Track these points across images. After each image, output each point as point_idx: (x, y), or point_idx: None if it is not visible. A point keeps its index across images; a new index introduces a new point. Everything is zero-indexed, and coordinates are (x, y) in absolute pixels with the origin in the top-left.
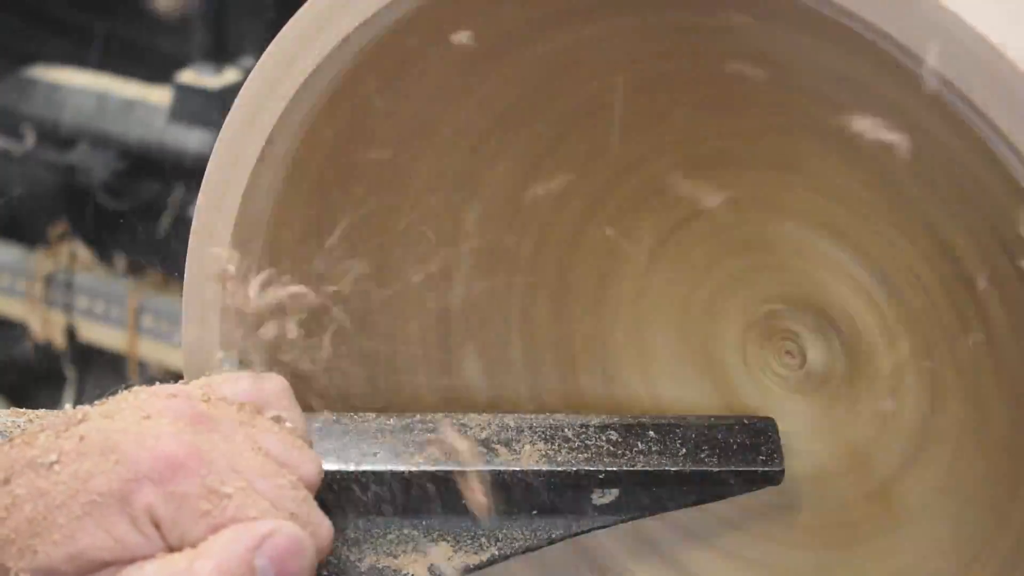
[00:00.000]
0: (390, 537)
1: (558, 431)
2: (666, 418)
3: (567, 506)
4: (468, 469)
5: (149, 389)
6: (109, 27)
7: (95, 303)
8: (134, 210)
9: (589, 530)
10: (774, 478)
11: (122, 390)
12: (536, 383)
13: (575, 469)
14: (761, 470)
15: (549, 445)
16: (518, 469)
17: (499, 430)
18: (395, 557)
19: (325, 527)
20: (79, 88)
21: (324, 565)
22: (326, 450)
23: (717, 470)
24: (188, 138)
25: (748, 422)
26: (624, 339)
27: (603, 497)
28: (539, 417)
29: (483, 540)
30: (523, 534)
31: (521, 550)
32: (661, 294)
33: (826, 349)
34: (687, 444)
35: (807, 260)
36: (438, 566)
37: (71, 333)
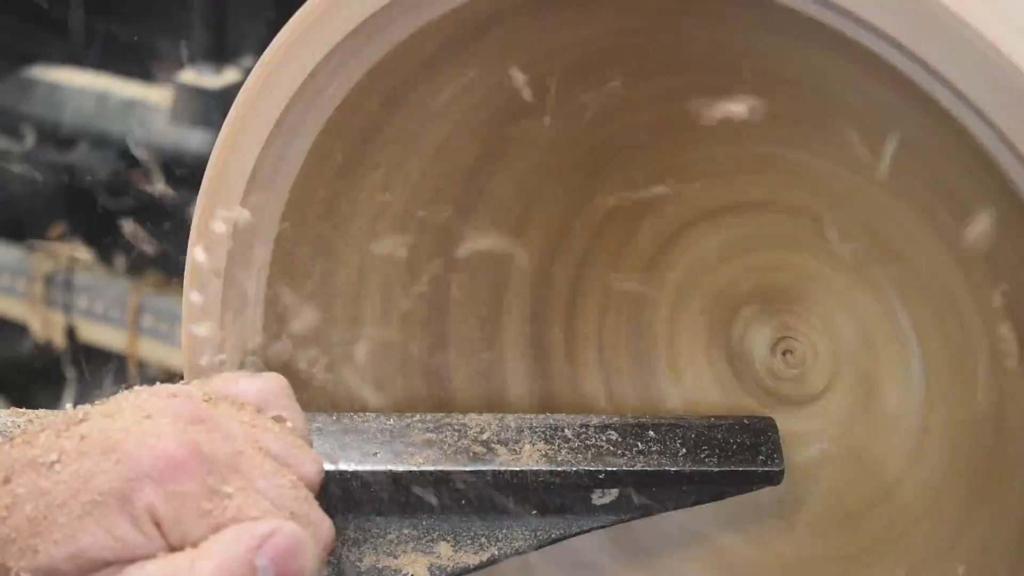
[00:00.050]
0: (390, 537)
1: (558, 431)
2: (666, 418)
3: (567, 506)
4: (468, 469)
5: (150, 389)
6: (109, 27)
7: (95, 303)
8: (134, 210)
9: (589, 530)
10: (774, 478)
11: (122, 390)
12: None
13: (575, 469)
14: (761, 470)
15: (549, 445)
16: (518, 469)
17: (499, 430)
18: (395, 557)
19: (326, 527)
20: (79, 88)
21: (324, 565)
22: (326, 450)
23: (717, 470)
24: (188, 138)
25: (748, 422)
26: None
27: (603, 497)
28: (539, 417)
29: (483, 540)
30: (523, 534)
31: (521, 550)
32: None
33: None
34: (687, 444)
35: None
36: (438, 566)
37: (71, 333)
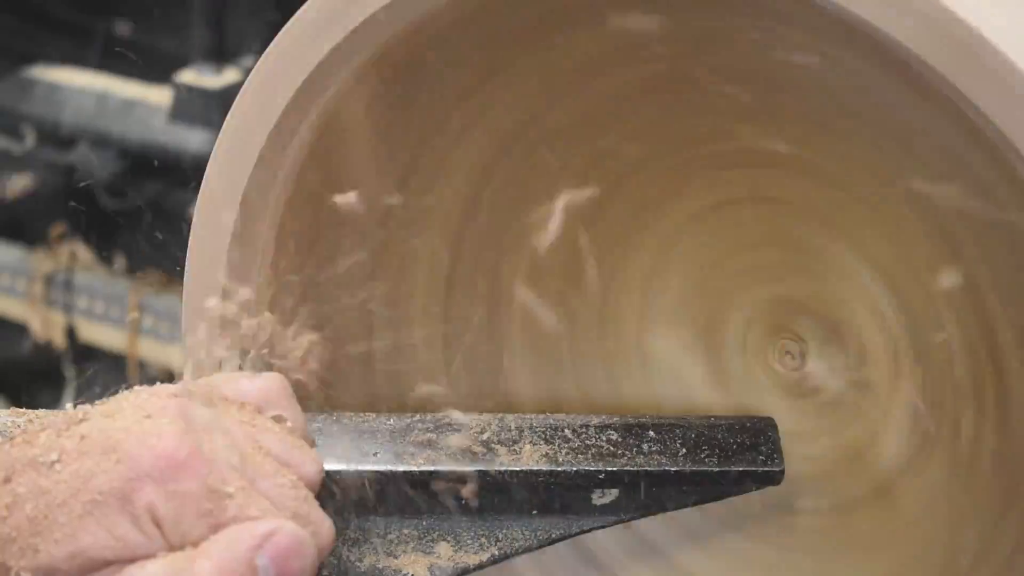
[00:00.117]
0: (390, 537)
1: (558, 431)
2: (666, 418)
3: (567, 506)
4: (468, 469)
5: (150, 389)
6: (109, 27)
7: (95, 303)
8: (134, 210)
9: (589, 530)
10: (774, 478)
11: (123, 390)
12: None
13: (575, 469)
14: (761, 470)
15: (549, 445)
16: (518, 469)
17: (499, 430)
18: (395, 557)
19: (326, 527)
20: (79, 88)
21: (324, 565)
22: (326, 450)
23: (717, 470)
24: (188, 138)
25: (748, 422)
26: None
27: (603, 497)
28: (539, 417)
29: (483, 540)
30: (523, 534)
31: (521, 550)
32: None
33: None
34: (687, 444)
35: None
36: (438, 566)
37: (71, 333)
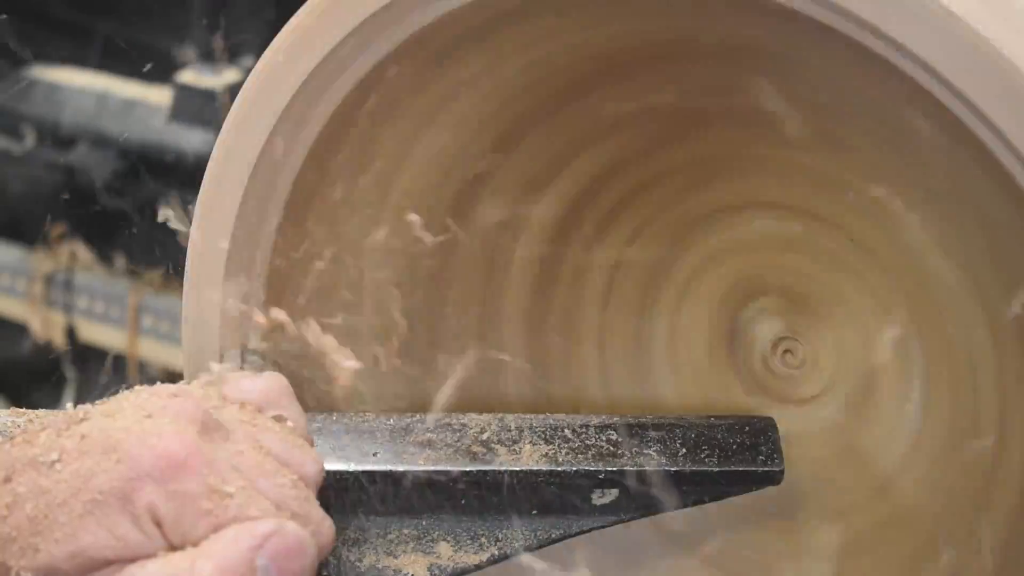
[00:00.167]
0: (390, 537)
1: (558, 431)
2: (666, 418)
3: (567, 506)
4: (468, 469)
5: (150, 388)
6: (109, 27)
7: (95, 303)
8: (134, 210)
9: (589, 530)
10: (774, 478)
11: (123, 390)
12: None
13: (575, 469)
14: (761, 470)
15: (549, 445)
16: (518, 469)
17: (499, 430)
18: (395, 557)
19: (327, 527)
20: (79, 88)
21: (324, 565)
22: (326, 450)
23: (717, 470)
24: (188, 138)
25: (748, 422)
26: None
27: (603, 497)
28: (539, 417)
29: (483, 540)
30: (523, 534)
31: (521, 550)
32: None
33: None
34: (687, 444)
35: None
36: (438, 566)
37: (71, 333)
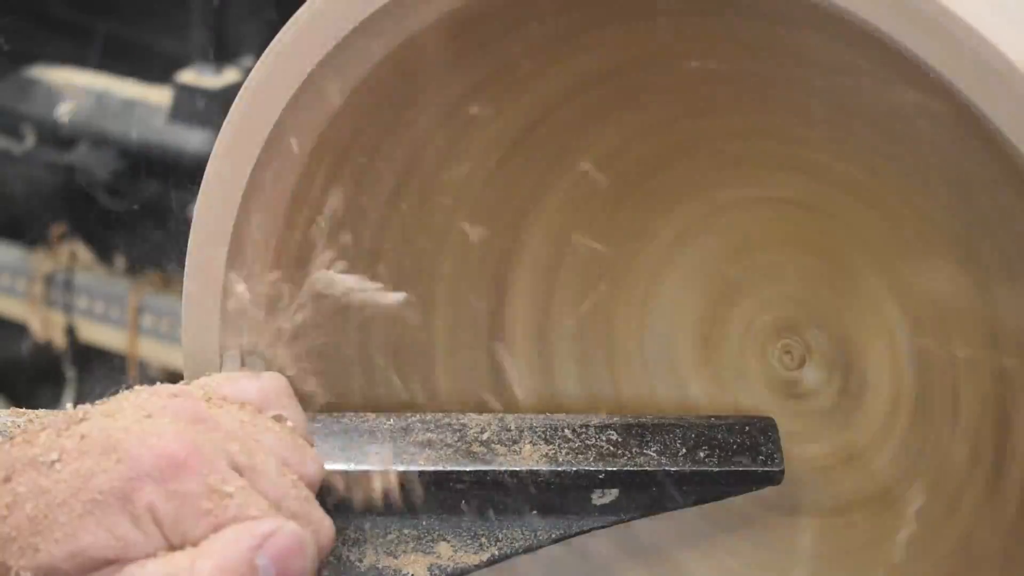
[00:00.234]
0: (390, 537)
1: (558, 431)
2: (666, 418)
3: (567, 506)
4: (468, 469)
5: (150, 388)
6: (109, 27)
7: (95, 303)
8: (134, 210)
9: (589, 530)
10: (774, 478)
11: (123, 390)
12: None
13: (575, 469)
14: (761, 470)
15: (549, 445)
16: (518, 469)
17: (499, 430)
18: (395, 557)
19: (326, 526)
20: (79, 88)
21: (324, 565)
22: (326, 450)
23: (717, 470)
24: (188, 138)
25: (748, 422)
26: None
27: (603, 497)
28: (539, 417)
29: (483, 540)
30: (523, 534)
31: (521, 550)
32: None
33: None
34: (687, 444)
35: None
36: (438, 566)
37: (71, 333)
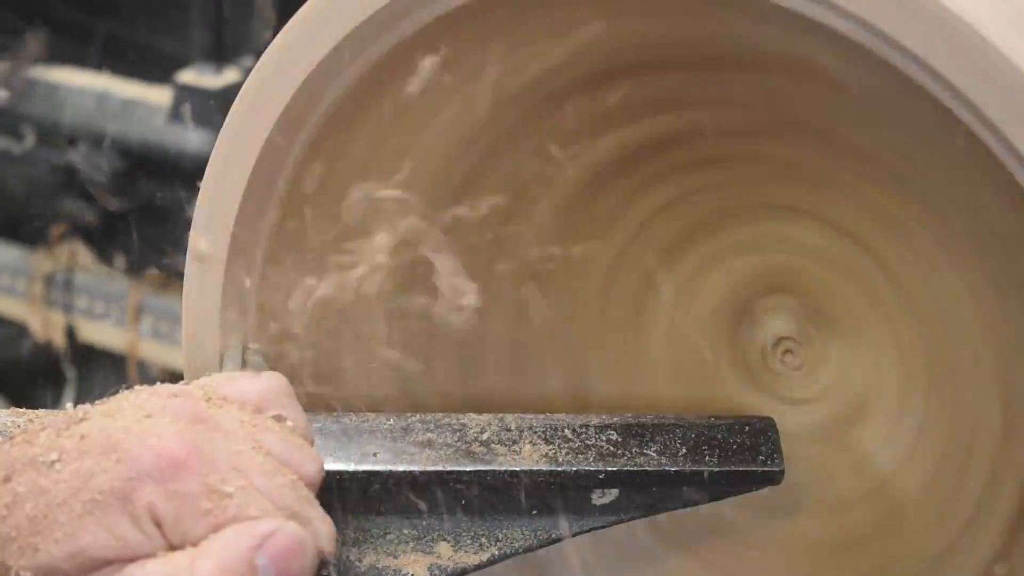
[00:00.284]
0: (390, 537)
1: (558, 431)
2: (666, 418)
3: (567, 506)
4: (468, 469)
5: (150, 388)
6: (109, 27)
7: (95, 303)
8: (134, 210)
9: (589, 530)
10: (774, 478)
11: (123, 390)
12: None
13: (575, 469)
14: (761, 470)
15: (549, 445)
16: (518, 469)
17: (499, 430)
18: (395, 557)
19: (326, 526)
20: (79, 88)
21: (324, 565)
22: (326, 450)
23: (717, 470)
24: (188, 138)
25: (748, 422)
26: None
27: (603, 497)
28: (539, 417)
29: (483, 540)
30: (523, 534)
31: (521, 550)
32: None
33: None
34: (687, 444)
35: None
36: (438, 566)
37: (71, 333)
